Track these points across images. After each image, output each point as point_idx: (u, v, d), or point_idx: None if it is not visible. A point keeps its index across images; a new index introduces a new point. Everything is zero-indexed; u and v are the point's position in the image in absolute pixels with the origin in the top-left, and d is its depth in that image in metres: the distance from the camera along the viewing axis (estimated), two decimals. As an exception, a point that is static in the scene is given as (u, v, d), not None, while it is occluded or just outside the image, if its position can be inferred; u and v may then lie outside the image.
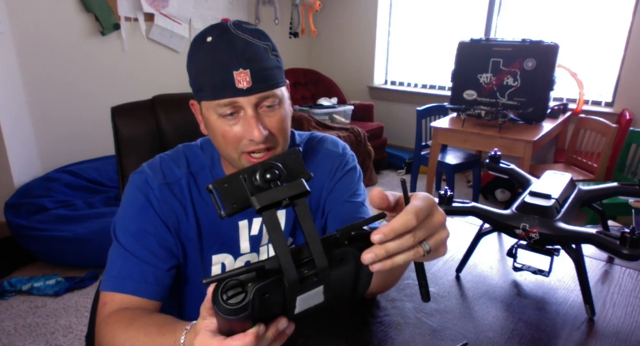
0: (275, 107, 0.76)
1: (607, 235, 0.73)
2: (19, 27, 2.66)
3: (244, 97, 0.72)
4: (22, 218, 2.39)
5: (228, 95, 0.72)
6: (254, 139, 0.73)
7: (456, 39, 3.28)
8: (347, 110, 4.12)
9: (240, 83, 0.71)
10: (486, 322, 0.80)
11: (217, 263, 0.88)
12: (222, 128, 0.75)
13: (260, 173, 0.46)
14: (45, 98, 2.86)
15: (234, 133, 0.75)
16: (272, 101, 0.75)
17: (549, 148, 3.68)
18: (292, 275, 0.44)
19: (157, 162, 0.85)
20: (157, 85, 3.46)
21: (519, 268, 0.91)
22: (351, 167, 0.92)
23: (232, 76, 0.71)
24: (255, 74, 0.72)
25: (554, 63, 2.93)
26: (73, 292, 2.23)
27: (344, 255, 0.48)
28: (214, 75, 0.72)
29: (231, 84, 0.71)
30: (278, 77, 0.76)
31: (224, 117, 0.74)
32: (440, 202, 0.90)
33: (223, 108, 0.73)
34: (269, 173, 0.46)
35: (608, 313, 0.83)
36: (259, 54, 0.73)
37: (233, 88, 0.71)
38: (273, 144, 0.77)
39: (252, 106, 0.73)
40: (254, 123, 0.73)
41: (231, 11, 3.95)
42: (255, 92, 0.72)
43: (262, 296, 0.44)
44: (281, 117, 0.77)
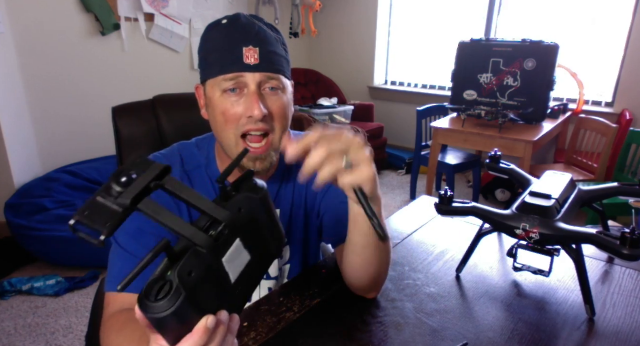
0: (279, 92, 0.77)
1: (607, 235, 0.73)
2: (19, 26, 2.66)
3: (249, 73, 0.74)
4: (22, 218, 2.39)
5: (235, 69, 0.74)
6: (253, 116, 0.74)
7: (456, 39, 3.28)
8: (347, 110, 4.12)
9: (248, 58, 0.73)
10: (486, 322, 0.80)
11: None
12: (223, 105, 0.76)
13: (114, 182, 0.43)
14: (45, 98, 2.86)
15: (234, 110, 0.75)
16: (276, 84, 0.76)
17: (549, 148, 3.68)
18: (202, 236, 0.42)
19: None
20: (157, 85, 3.46)
21: (519, 268, 0.91)
22: None
23: (241, 51, 0.73)
24: (264, 53, 0.74)
25: (554, 63, 2.93)
26: (73, 292, 2.23)
27: (239, 203, 0.46)
28: (224, 51, 0.74)
29: (239, 58, 0.73)
30: (285, 67, 0.78)
31: (226, 92, 0.75)
32: (441, 202, 0.90)
33: (228, 82, 0.75)
34: (123, 177, 0.43)
35: (608, 313, 0.83)
36: (269, 38, 0.76)
37: (240, 63, 0.73)
38: (270, 127, 0.77)
39: (256, 84, 0.75)
40: (255, 100, 0.74)
41: (231, 11, 3.94)
42: (261, 70, 0.74)
43: (189, 277, 0.41)
44: (283, 103, 0.78)
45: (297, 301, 0.84)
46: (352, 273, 0.81)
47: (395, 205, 3.42)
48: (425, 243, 1.09)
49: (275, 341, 0.73)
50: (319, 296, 0.86)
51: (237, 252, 0.46)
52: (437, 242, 1.10)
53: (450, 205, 0.89)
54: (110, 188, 0.42)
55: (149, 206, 0.42)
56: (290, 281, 0.92)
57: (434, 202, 0.92)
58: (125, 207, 0.41)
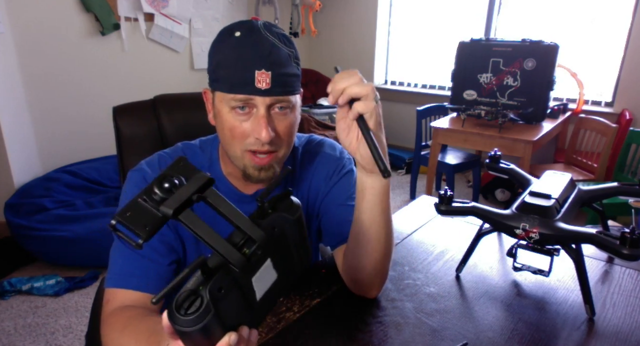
0: (287, 112, 0.78)
1: (607, 235, 0.73)
2: (19, 26, 2.66)
3: (260, 97, 0.74)
4: (22, 218, 2.39)
5: (245, 92, 0.73)
6: (260, 139, 0.74)
7: (456, 39, 3.28)
8: (347, 110, 4.11)
9: (259, 83, 0.73)
10: (486, 322, 0.80)
11: None
12: (232, 122, 0.76)
13: (157, 186, 0.44)
14: (45, 98, 2.86)
15: (242, 129, 0.76)
16: (285, 104, 0.76)
17: (549, 148, 3.68)
18: (237, 256, 0.43)
19: (156, 160, 0.85)
20: (157, 85, 3.46)
21: (519, 268, 0.91)
22: (347, 171, 0.92)
23: (253, 74, 0.72)
24: (276, 77, 0.73)
25: (554, 63, 2.93)
26: (73, 292, 2.23)
27: (273, 222, 0.47)
28: (236, 70, 0.73)
29: (251, 81, 0.73)
30: (295, 85, 0.78)
31: (235, 110, 0.75)
32: (441, 202, 0.90)
33: (237, 102, 0.75)
34: (166, 183, 0.44)
35: (608, 313, 0.83)
36: (283, 58, 0.74)
37: (252, 86, 0.73)
38: (276, 148, 0.78)
39: (266, 106, 0.75)
40: (264, 124, 0.74)
41: (231, 11, 3.95)
42: (272, 95, 0.74)
43: (219, 293, 0.42)
44: (290, 123, 0.79)
45: (297, 301, 0.84)
46: (355, 263, 0.81)
47: (395, 205, 3.42)
48: (425, 243, 1.09)
49: (275, 341, 0.73)
50: (319, 296, 0.86)
51: (266, 271, 0.46)
52: (437, 242, 1.10)
53: (450, 205, 0.89)
54: (152, 192, 0.44)
55: (189, 218, 0.43)
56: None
57: (434, 202, 0.92)
58: (168, 215, 0.43)
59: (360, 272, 0.82)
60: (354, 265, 0.81)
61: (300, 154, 0.92)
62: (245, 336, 0.47)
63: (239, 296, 0.45)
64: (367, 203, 0.74)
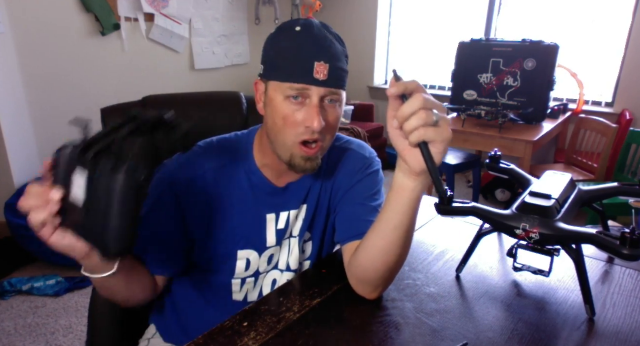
0: (336, 105, 0.81)
1: (607, 235, 0.73)
2: (19, 26, 2.66)
3: (315, 87, 0.76)
4: (22, 218, 2.37)
5: (303, 81, 0.76)
6: (311, 127, 0.77)
7: (456, 39, 3.28)
8: (347, 110, 4.12)
9: (317, 73, 0.76)
10: (486, 322, 0.80)
11: (242, 258, 0.89)
12: (285, 111, 0.78)
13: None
14: (45, 98, 2.86)
15: (294, 117, 0.78)
16: (336, 98, 0.80)
17: (549, 148, 3.68)
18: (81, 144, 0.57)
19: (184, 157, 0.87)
20: (157, 85, 3.46)
21: (519, 268, 0.91)
22: (373, 170, 0.94)
23: (312, 65, 0.76)
24: (333, 69, 0.77)
25: (554, 63, 2.93)
26: (73, 292, 2.23)
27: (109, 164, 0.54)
28: (296, 59, 0.76)
29: (309, 71, 0.76)
30: (345, 81, 0.82)
31: (289, 98, 0.78)
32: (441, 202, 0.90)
33: (292, 91, 0.77)
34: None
35: (608, 313, 0.83)
36: (338, 54, 0.79)
37: (310, 76, 0.76)
38: (323, 138, 0.81)
39: (319, 97, 0.77)
40: (316, 113, 0.77)
41: (231, 11, 3.95)
42: (328, 86, 0.77)
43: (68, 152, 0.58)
44: (338, 115, 0.82)
45: (297, 301, 0.84)
46: (368, 262, 0.80)
47: (395, 205, 3.41)
48: (425, 243, 1.09)
49: (275, 341, 0.73)
50: (319, 296, 0.86)
51: (80, 182, 0.56)
52: (437, 242, 1.10)
53: (450, 205, 0.89)
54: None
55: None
56: (290, 282, 0.92)
57: (434, 202, 0.92)
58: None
59: (370, 273, 0.81)
60: (365, 265, 0.81)
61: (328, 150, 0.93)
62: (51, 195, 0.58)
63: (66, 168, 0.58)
64: (402, 206, 0.73)
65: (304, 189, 0.91)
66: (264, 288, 0.94)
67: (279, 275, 0.94)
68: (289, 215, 0.90)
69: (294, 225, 0.92)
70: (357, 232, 0.85)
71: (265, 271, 0.93)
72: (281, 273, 0.94)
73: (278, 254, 0.92)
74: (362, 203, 0.89)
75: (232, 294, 0.92)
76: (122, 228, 0.55)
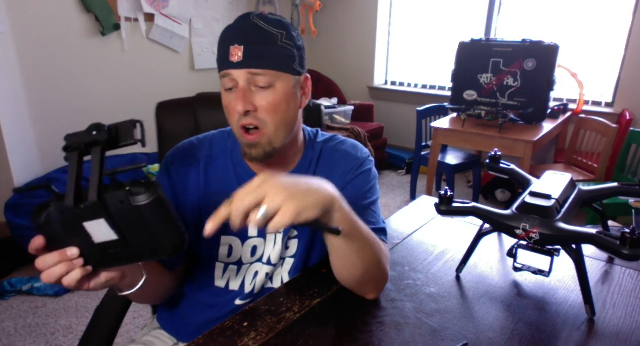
0: (269, 89, 0.80)
1: (607, 235, 0.73)
2: (19, 27, 2.66)
3: (234, 70, 0.79)
4: (22, 218, 2.39)
5: (224, 67, 0.80)
6: (237, 111, 0.79)
7: (456, 39, 3.28)
8: (347, 110, 4.12)
9: (232, 56, 0.78)
10: (486, 322, 0.80)
11: (225, 244, 0.92)
12: (225, 101, 0.83)
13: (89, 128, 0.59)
14: (45, 98, 2.86)
15: (231, 105, 0.81)
16: (263, 80, 0.79)
17: (549, 148, 3.68)
18: (69, 200, 0.55)
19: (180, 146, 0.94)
20: (157, 85, 3.46)
21: (519, 268, 0.91)
22: (365, 170, 0.94)
23: (228, 50, 0.79)
24: (248, 50, 0.78)
25: (554, 63, 2.93)
26: (73, 292, 2.23)
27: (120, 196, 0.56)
28: (220, 49, 0.81)
29: (227, 56, 0.79)
30: (281, 62, 0.80)
31: (227, 89, 0.81)
32: (441, 202, 0.90)
33: (223, 79, 0.81)
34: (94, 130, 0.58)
35: (608, 313, 0.83)
36: (262, 36, 0.79)
37: (227, 61, 0.79)
38: (260, 124, 0.81)
39: (245, 81, 0.79)
40: (239, 96, 0.79)
41: (231, 11, 3.95)
42: (244, 67, 0.78)
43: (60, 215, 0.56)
44: (272, 99, 0.81)
45: (297, 301, 0.84)
46: (338, 276, 0.83)
47: (395, 205, 3.42)
48: (425, 243, 1.09)
49: (275, 341, 0.73)
50: (319, 296, 0.86)
51: (100, 226, 0.57)
52: (437, 242, 1.10)
53: (450, 205, 0.89)
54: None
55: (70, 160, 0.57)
56: (290, 281, 0.92)
57: (434, 202, 0.92)
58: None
59: (346, 282, 0.84)
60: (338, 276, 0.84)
61: (320, 150, 0.94)
62: (68, 254, 0.59)
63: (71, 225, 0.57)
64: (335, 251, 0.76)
65: None
66: (246, 279, 0.94)
67: (260, 267, 0.94)
68: None
69: None
70: None
71: (248, 262, 0.94)
72: (262, 265, 0.94)
73: (263, 247, 0.93)
74: (354, 203, 0.88)
75: (214, 279, 0.94)
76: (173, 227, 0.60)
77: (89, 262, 0.62)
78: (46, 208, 0.57)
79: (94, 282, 0.64)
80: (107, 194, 0.56)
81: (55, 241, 0.60)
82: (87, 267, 0.62)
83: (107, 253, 0.60)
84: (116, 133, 0.59)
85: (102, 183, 0.56)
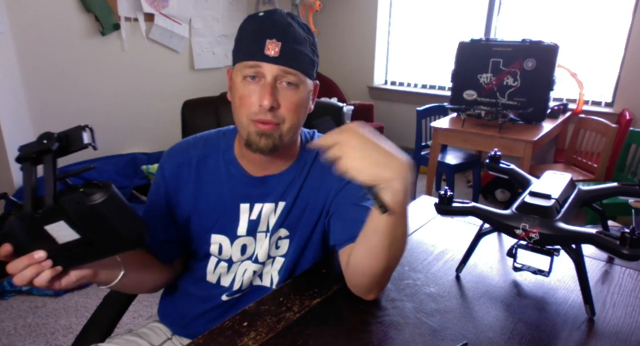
0: (294, 89, 0.81)
1: (607, 235, 0.73)
2: (19, 27, 2.66)
3: (267, 64, 0.78)
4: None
5: (255, 59, 0.79)
6: (262, 105, 0.78)
7: (456, 39, 3.28)
8: (347, 110, 4.12)
9: (269, 50, 0.78)
10: (486, 322, 0.80)
11: (215, 242, 0.93)
12: (242, 91, 0.81)
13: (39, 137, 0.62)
14: (45, 99, 2.86)
15: (250, 97, 0.80)
16: (293, 79, 0.80)
17: (549, 148, 3.68)
18: (27, 207, 0.58)
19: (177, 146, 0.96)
20: (157, 85, 3.46)
21: (519, 268, 0.91)
22: None
23: (264, 43, 0.78)
24: (286, 48, 0.78)
25: (554, 63, 2.93)
26: (73, 292, 2.23)
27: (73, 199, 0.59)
28: (251, 40, 0.80)
29: (261, 49, 0.78)
30: (308, 67, 0.82)
31: (246, 79, 0.80)
32: (441, 202, 0.90)
33: (248, 69, 0.80)
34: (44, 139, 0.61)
35: (608, 313, 0.83)
36: (297, 37, 0.80)
37: (261, 53, 0.78)
38: (280, 120, 0.82)
39: (273, 76, 0.79)
40: (267, 91, 0.78)
41: (231, 11, 3.95)
42: (280, 63, 0.78)
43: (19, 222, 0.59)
44: (296, 100, 0.82)
45: (297, 301, 0.84)
46: (357, 267, 0.81)
47: (395, 205, 3.41)
48: (425, 243, 1.09)
49: (275, 341, 0.73)
50: (319, 296, 0.86)
51: (61, 228, 0.60)
52: (437, 242, 1.10)
53: (450, 205, 0.89)
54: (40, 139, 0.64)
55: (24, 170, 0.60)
56: (290, 282, 0.92)
57: (434, 202, 0.92)
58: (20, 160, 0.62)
59: (359, 277, 0.82)
60: (355, 269, 0.82)
61: (316, 152, 0.94)
62: (36, 257, 0.62)
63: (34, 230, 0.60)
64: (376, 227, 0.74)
65: (282, 184, 0.91)
66: (237, 277, 0.95)
67: (250, 265, 0.95)
68: (262, 207, 0.91)
69: (269, 219, 0.92)
70: (351, 235, 0.83)
71: (239, 261, 0.94)
72: (250, 263, 0.95)
73: (253, 246, 0.93)
74: (355, 204, 0.88)
75: (206, 274, 0.96)
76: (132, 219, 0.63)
77: (58, 263, 0.65)
78: (7, 217, 0.60)
79: (65, 281, 0.67)
80: (63, 198, 0.59)
81: (22, 247, 0.63)
82: (57, 268, 0.65)
83: (73, 252, 0.64)
84: (66, 140, 0.62)
85: (57, 189, 0.59)
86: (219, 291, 0.95)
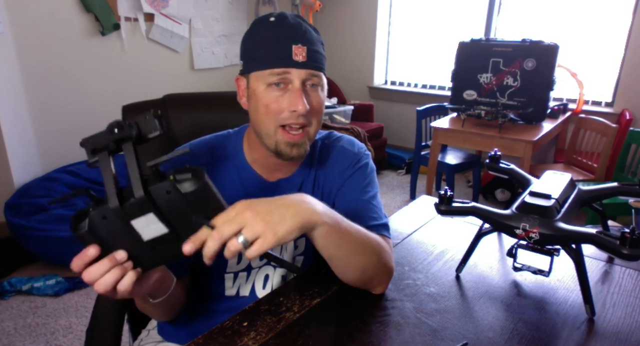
0: (318, 89, 0.82)
1: (607, 235, 0.73)
2: (19, 27, 2.66)
3: (296, 69, 0.78)
4: (22, 218, 2.39)
5: (283, 65, 0.78)
6: (297, 111, 0.78)
7: (456, 39, 3.28)
8: (347, 110, 4.12)
9: (296, 56, 0.78)
10: (486, 322, 0.80)
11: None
12: (267, 99, 0.79)
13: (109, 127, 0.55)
14: (45, 99, 2.86)
15: (277, 105, 0.79)
16: (317, 81, 0.81)
17: (549, 148, 3.68)
18: (113, 201, 0.53)
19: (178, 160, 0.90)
20: (157, 85, 3.46)
21: (519, 268, 0.91)
22: (363, 165, 0.94)
23: (290, 49, 0.77)
24: (310, 52, 0.79)
25: (554, 63, 2.93)
26: (73, 292, 2.23)
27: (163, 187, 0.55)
28: (274, 46, 0.78)
29: (288, 55, 0.77)
30: (324, 66, 0.83)
31: (271, 86, 0.79)
32: (440, 202, 0.90)
33: (274, 77, 0.78)
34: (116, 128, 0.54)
35: (608, 313, 0.83)
36: (313, 38, 0.81)
37: (289, 59, 0.77)
38: (308, 122, 0.82)
39: (301, 81, 0.79)
40: (300, 96, 0.78)
41: (231, 11, 3.95)
42: (308, 68, 0.79)
43: (101, 220, 0.55)
44: (321, 99, 0.83)
45: (297, 301, 0.84)
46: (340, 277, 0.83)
47: (395, 205, 3.42)
48: (425, 243, 1.09)
49: (275, 341, 0.73)
50: (319, 296, 0.86)
51: (152, 222, 0.56)
52: (437, 242, 1.10)
53: (450, 205, 0.89)
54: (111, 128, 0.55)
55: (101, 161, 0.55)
56: (290, 282, 0.92)
57: (434, 202, 0.92)
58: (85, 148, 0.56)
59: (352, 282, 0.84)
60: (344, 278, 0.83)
61: (319, 147, 0.95)
62: (118, 259, 0.58)
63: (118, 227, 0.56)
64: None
65: (295, 185, 0.92)
66: (256, 284, 0.94)
67: (272, 271, 0.94)
68: None
69: None
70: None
71: (257, 266, 0.93)
72: (274, 269, 0.94)
73: (277, 249, 0.93)
74: (356, 198, 0.90)
75: (225, 290, 0.93)
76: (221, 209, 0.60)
77: (138, 264, 0.60)
78: (85, 215, 0.55)
79: (145, 284, 0.63)
80: (152, 187, 0.54)
81: (102, 247, 0.57)
82: (138, 269, 0.60)
83: (155, 250, 0.59)
84: (138, 128, 0.56)
85: (143, 177, 0.54)
86: (239, 302, 0.92)
